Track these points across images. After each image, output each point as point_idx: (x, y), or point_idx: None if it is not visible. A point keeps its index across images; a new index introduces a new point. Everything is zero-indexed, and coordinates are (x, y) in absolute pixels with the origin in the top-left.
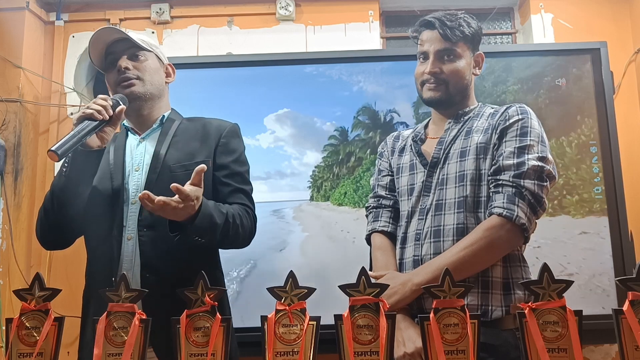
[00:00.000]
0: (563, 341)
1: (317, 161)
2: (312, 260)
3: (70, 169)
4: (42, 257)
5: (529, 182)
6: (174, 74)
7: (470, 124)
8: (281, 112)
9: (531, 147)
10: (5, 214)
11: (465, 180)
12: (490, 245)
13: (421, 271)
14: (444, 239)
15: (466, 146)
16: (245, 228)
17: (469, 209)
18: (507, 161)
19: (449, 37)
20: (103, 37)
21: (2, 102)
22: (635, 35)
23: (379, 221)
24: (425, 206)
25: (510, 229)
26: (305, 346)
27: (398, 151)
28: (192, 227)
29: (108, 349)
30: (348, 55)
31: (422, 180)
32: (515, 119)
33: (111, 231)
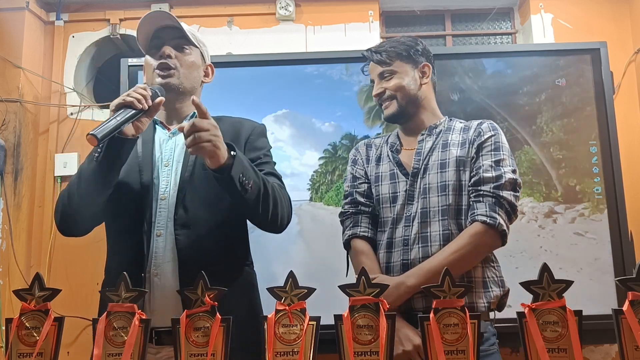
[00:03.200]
0: (563, 341)
1: (317, 161)
2: (314, 257)
3: (104, 155)
4: (42, 257)
5: (506, 193)
6: (212, 75)
7: (445, 137)
8: (280, 112)
9: (504, 160)
10: (5, 214)
11: (448, 190)
12: (476, 250)
13: (413, 274)
14: (432, 244)
15: (445, 158)
16: (283, 199)
17: (451, 216)
18: (486, 174)
19: (382, 61)
20: (155, 19)
21: (2, 102)
22: (635, 35)
23: (359, 227)
24: (410, 213)
25: (493, 234)
26: (305, 346)
27: (375, 160)
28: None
29: (108, 349)
30: (348, 55)
31: (404, 189)
32: (489, 134)
33: (141, 226)
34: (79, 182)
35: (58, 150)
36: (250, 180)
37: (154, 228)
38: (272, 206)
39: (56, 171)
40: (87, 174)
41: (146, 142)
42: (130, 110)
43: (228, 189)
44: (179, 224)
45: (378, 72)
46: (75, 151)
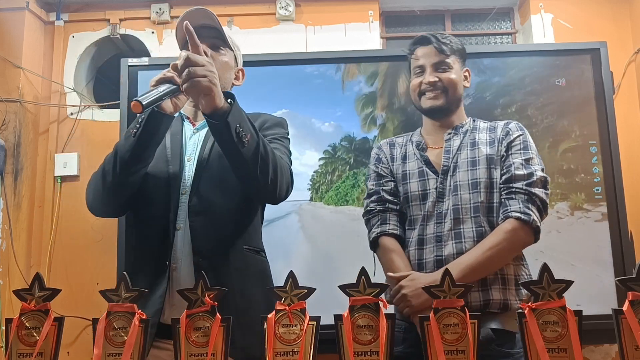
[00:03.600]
0: (563, 341)
1: (317, 162)
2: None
3: (142, 129)
4: (42, 257)
5: (538, 190)
6: (242, 78)
7: (472, 136)
8: (280, 112)
9: (533, 159)
10: (5, 214)
11: (479, 187)
12: (511, 246)
13: (451, 270)
14: (465, 241)
15: (475, 156)
16: (283, 166)
17: (483, 213)
18: (518, 171)
19: (444, 51)
20: (197, 17)
21: (2, 102)
22: (635, 35)
23: (387, 224)
24: (442, 210)
25: (527, 230)
26: (305, 346)
27: (400, 158)
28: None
29: (108, 349)
30: (348, 55)
31: (434, 186)
32: (518, 134)
33: (164, 218)
34: (114, 159)
35: (58, 150)
36: (247, 133)
37: (177, 221)
38: (272, 170)
39: (56, 171)
40: (123, 150)
41: (175, 135)
42: (170, 85)
43: (223, 139)
44: (193, 212)
45: (434, 61)
46: (75, 151)
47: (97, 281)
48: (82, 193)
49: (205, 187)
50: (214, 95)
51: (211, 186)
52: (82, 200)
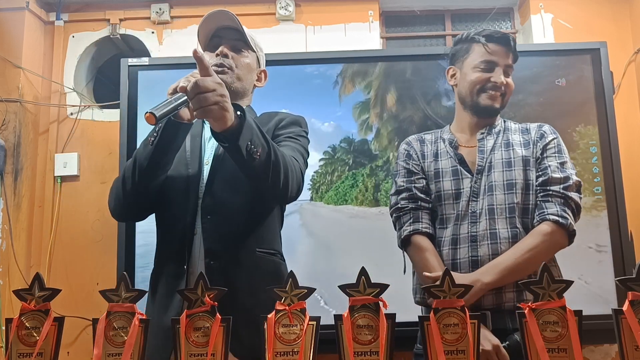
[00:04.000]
0: (563, 341)
1: (317, 162)
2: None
3: (159, 138)
4: (42, 257)
5: (574, 194)
6: (265, 80)
7: (506, 137)
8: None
9: (567, 163)
10: (5, 214)
11: (515, 188)
12: (548, 249)
13: (489, 271)
14: (501, 241)
15: (510, 157)
16: (294, 168)
17: (518, 214)
18: (555, 174)
19: (515, 57)
20: (218, 19)
21: (2, 102)
22: (635, 35)
23: (420, 223)
24: (475, 210)
25: (563, 234)
26: (305, 346)
27: (432, 156)
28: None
29: (108, 349)
30: (348, 55)
31: (469, 185)
32: (552, 137)
33: (185, 218)
34: (133, 166)
35: (58, 150)
36: (258, 148)
37: (193, 226)
38: (283, 175)
39: (56, 171)
40: (142, 157)
41: (194, 137)
42: (185, 95)
43: (234, 157)
44: (206, 212)
45: (507, 63)
46: (75, 151)
47: (97, 281)
48: (82, 193)
49: (219, 188)
50: (225, 118)
51: (224, 187)
52: (82, 200)
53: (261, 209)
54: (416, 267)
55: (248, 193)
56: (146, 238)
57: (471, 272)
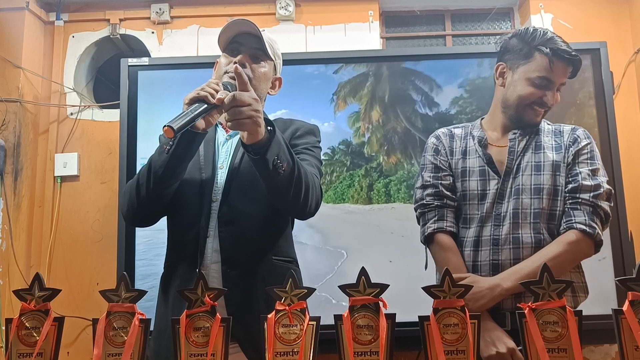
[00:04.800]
0: (563, 341)
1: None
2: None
3: (176, 147)
4: (42, 257)
5: (604, 203)
6: (279, 87)
7: (537, 139)
8: (280, 112)
9: (599, 170)
10: (5, 214)
11: (542, 193)
12: (572, 257)
13: (510, 277)
14: (523, 247)
15: (539, 160)
16: (314, 185)
17: (544, 220)
18: (585, 182)
19: (573, 75)
20: (238, 26)
21: (2, 102)
22: (635, 35)
23: (445, 221)
24: (500, 212)
25: (590, 243)
26: (305, 346)
27: (460, 153)
28: (270, 146)
29: (108, 349)
30: (348, 56)
31: (496, 187)
32: (586, 142)
33: (196, 225)
34: (148, 173)
35: (58, 150)
36: (284, 163)
37: (209, 228)
38: (304, 192)
39: (56, 171)
40: (157, 165)
41: (207, 142)
42: (203, 104)
43: (259, 169)
44: (223, 221)
45: (562, 82)
46: (75, 151)
47: (97, 281)
48: (82, 193)
49: (235, 197)
50: (257, 132)
51: (241, 195)
52: (82, 200)
53: (278, 217)
54: (438, 266)
55: (265, 201)
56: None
57: (492, 276)
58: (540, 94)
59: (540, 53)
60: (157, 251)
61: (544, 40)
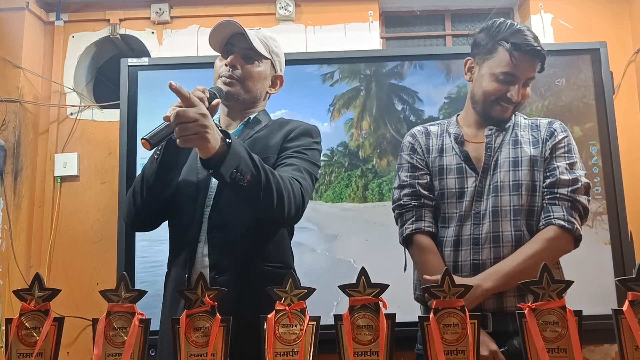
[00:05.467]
0: (563, 341)
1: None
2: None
3: (162, 156)
4: (42, 257)
5: (582, 197)
6: (280, 86)
7: (514, 133)
8: (279, 113)
9: (577, 163)
10: (5, 214)
11: (521, 189)
12: (552, 254)
13: (490, 277)
14: (504, 245)
15: (517, 156)
16: (291, 192)
17: (523, 216)
18: (563, 176)
19: (542, 69)
20: (227, 27)
21: (2, 102)
22: (635, 35)
23: (423, 221)
24: (479, 211)
25: (569, 239)
26: (305, 346)
27: (437, 151)
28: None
29: (108, 349)
30: (348, 56)
31: (474, 184)
32: (563, 135)
33: (191, 226)
34: (141, 181)
35: (58, 150)
36: (246, 175)
37: (199, 233)
38: (277, 200)
39: (56, 171)
40: (148, 174)
41: None
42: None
43: (220, 182)
44: (212, 227)
45: (529, 76)
46: (75, 151)
47: (97, 281)
48: (82, 193)
49: (226, 202)
50: (207, 147)
51: (232, 201)
52: (82, 200)
53: (270, 224)
54: (417, 267)
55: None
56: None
57: (472, 277)
58: (505, 90)
59: (502, 47)
60: (158, 249)
61: (508, 33)
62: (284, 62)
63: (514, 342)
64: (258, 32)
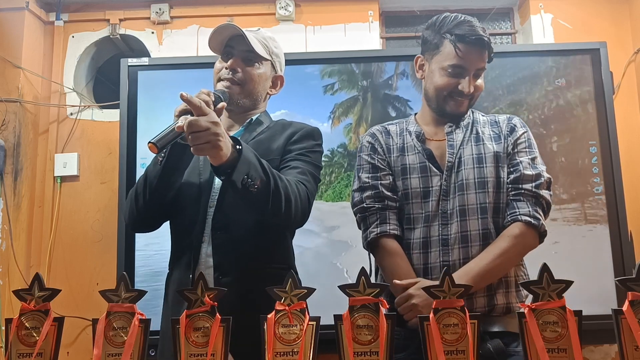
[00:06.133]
0: (563, 341)
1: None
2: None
3: (167, 159)
4: (42, 257)
5: (545, 192)
6: (280, 86)
7: (475, 130)
8: (279, 113)
9: (537, 158)
10: (4, 214)
11: (487, 186)
12: (520, 251)
13: (461, 279)
14: (472, 244)
15: (481, 153)
16: (298, 196)
17: (490, 214)
18: (527, 171)
19: (490, 58)
20: (226, 30)
21: (2, 102)
22: (635, 35)
23: (387, 224)
24: (446, 210)
25: (534, 235)
26: (305, 346)
27: (398, 150)
28: (237, 166)
29: (108, 349)
30: (348, 56)
31: (438, 183)
32: (522, 131)
33: (193, 227)
34: (144, 183)
35: (58, 150)
36: (256, 180)
37: (202, 234)
38: (285, 204)
39: (56, 171)
40: (152, 176)
41: None
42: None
43: (231, 189)
44: (216, 228)
45: (478, 67)
46: (75, 151)
47: (97, 281)
48: (82, 193)
49: (230, 203)
50: (219, 155)
51: (236, 202)
52: (82, 200)
53: (273, 226)
54: (385, 272)
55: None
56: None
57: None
58: (455, 83)
59: (447, 40)
60: (157, 249)
61: (452, 25)
62: (284, 62)
63: (488, 345)
64: (257, 33)
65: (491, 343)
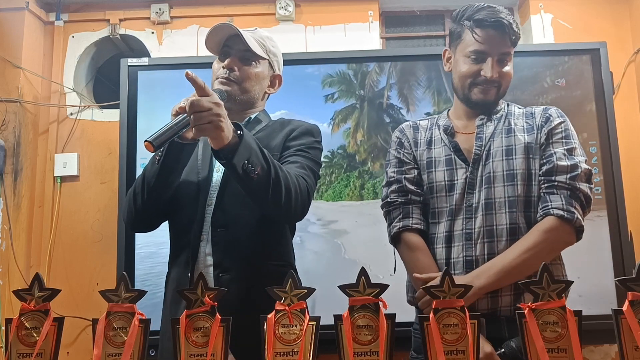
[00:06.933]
0: (563, 341)
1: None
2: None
3: (164, 158)
4: (42, 257)
5: (583, 185)
6: (278, 85)
7: (507, 122)
8: (279, 113)
9: (576, 149)
10: (4, 214)
11: (516, 179)
12: (550, 247)
13: (483, 274)
14: (498, 239)
15: (511, 144)
16: (298, 188)
17: (520, 208)
18: (561, 162)
19: (513, 42)
20: (223, 30)
21: (2, 102)
22: (635, 35)
23: (411, 218)
24: (471, 204)
25: (569, 230)
26: (305, 346)
27: (425, 143)
28: (238, 150)
29: (108, 349)
30: (348, 56)
31: (464, 176)
32: (559, 120)
33: (192, 226)
34: (142, 182)
35: (58, 150)
36: (256, 167)
37: (202, 231)
38: (285, 195)
39: (56, 171)
40: (149, 175)
41: (207, 145)
42: (183, 117)
43: (231, 174)
44: (217, 225)
45: (501, 51)
46: (75, 151)
47: (96, 281)
48: (82, 193)
49: (229, 201)
50: (221, 137)
51: (235, 199)
52: (82, 200)
53: (272, 222)
54: (407, 267)
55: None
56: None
57: (465, 274)
58: (477, 69)
59: (466, 28)
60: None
61: (472, 12)
62: (282, 62)
63: (512, 343)
64: (254, 32)
65: (515, 341)
